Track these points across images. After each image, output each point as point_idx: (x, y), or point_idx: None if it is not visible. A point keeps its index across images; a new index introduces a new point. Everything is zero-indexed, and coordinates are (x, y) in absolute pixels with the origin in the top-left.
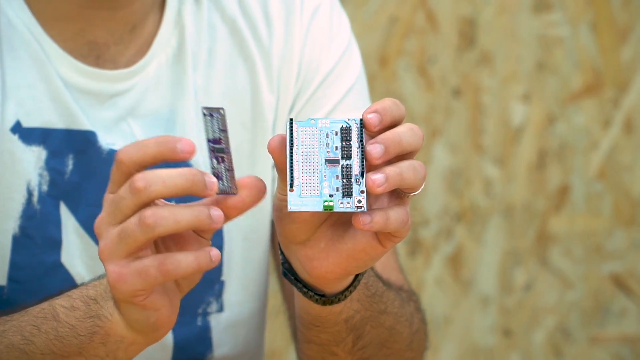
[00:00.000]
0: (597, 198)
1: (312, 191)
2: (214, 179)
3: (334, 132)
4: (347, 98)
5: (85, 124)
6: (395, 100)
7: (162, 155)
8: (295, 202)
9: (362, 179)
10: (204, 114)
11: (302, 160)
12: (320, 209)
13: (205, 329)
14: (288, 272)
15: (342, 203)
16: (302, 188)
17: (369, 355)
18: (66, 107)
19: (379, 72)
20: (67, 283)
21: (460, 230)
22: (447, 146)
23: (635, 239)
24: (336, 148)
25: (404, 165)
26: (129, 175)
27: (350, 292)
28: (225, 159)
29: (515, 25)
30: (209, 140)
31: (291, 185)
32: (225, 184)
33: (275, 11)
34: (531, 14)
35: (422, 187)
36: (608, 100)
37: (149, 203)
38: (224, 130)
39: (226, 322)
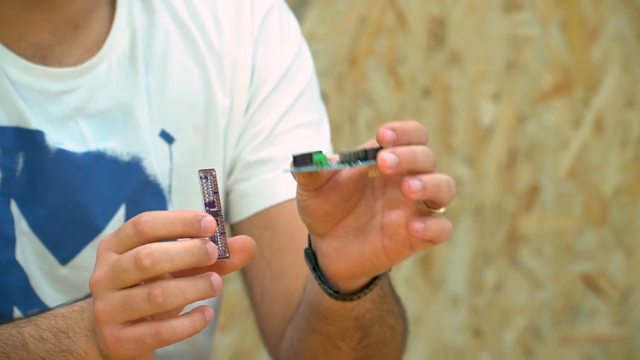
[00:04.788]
0: (567, 198)
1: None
2: (214, 246)
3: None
4: (299, 101)
5: (33, 123)
6: (419, 125)
7: (186, 234)
8: (290, 169)
9: (365, 161)
10: (200, 177)
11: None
12: (313, 168)
13: None
14: (308, 260)
15: (335, 164)
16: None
17: (371, 353)
18: (14, 106)
19: (349, 72)
20: (22, 281)
21: None
22: None
23: (606, 238)
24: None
25: (441, 177)
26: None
27: (365, 294)
28: (219, 222)
29: (484, 24)
30: (206, 205)
31: (295, 163)
32: (220, 249)
33: (225, 15)
34: (501, 14)
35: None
36: (578, 99)
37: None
38: (216, 192)
39: None
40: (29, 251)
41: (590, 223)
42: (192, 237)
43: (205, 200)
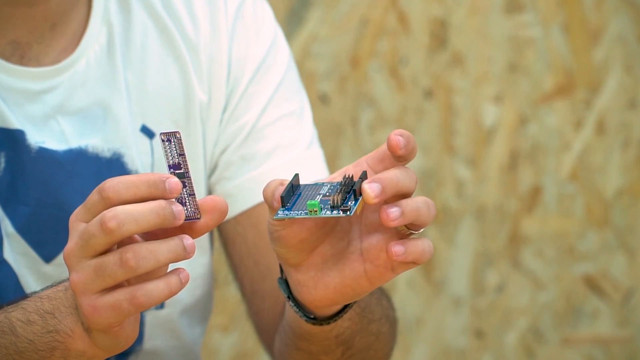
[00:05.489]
0: (569, 199)
1: (301, 207)
2: (181, 208)
3: (337, 187)
4: (279, 92)
5: (13, 123)
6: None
7: (152, 196)
8: (282, 214)
9: (355, 201)
10: (163, 140)
11: (300, 195)
12: (306, 214)
13: (140, 324)
14: (282, 289)
15: (328, 211)
16: (293, 206)
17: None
18: None
19: (351, 73)
20: (12, 279)
21: (432, 232)
22: (419, 147)
23: (607, 240)
24: (334, 190)
25: (419, 200)
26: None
27: (341, 317)
28: (187, 184)
29: (486, 26)
30: (170, 167)
31: (283, 204)
32: (190, 210)
33: (200, 9)
34: (503, 15)
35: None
36: (580, 101)
37: (121, 240)
38: (182, 154)
39: (163, 318)
40: (14, 251)
41: (592, 224)
42: (155, 199)
43: (168, 162)
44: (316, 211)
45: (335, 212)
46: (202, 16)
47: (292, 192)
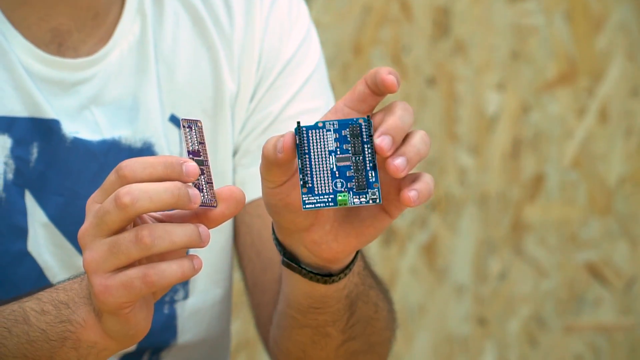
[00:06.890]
0: (572, 187)
1: (326, 189)
2: (197, 192)
3: (342, 132)
4: (306, 87)
5: (49, 113)
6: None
7: (168, 178)
8: (310, 201)
9: (374, 172)
10: (184, 126)
11: (314, 162)
12: (335, 204)
13: (172, 317)
14: (290, 262)
15: (356, 197)
16: (315, 187)
17: (357, 333)
18: (29, 96)
19: (354, 61)
20: (34, 272)
21: (435, 220)
22: None
23: (610, 227)
24: (346, 147)
25: (416, 140)
26: None
27: (354, 263)
28: (205, 171)
29: (489, 14)
30: (189, 153)
31: (304, 185)
32: (206, 197)
33: (236, 0)
34: (506, 3)
35: None
36: (583, 89)
37: (135, 218)
38: (202, 143)
39: (191, 309)
40: (48, 241)
41: (594, 212)
42: (172, 180)
43: (188, 149)
44: (346, 202)
45: (364, 200)
46: (238, 6)
47: (301, 153)
